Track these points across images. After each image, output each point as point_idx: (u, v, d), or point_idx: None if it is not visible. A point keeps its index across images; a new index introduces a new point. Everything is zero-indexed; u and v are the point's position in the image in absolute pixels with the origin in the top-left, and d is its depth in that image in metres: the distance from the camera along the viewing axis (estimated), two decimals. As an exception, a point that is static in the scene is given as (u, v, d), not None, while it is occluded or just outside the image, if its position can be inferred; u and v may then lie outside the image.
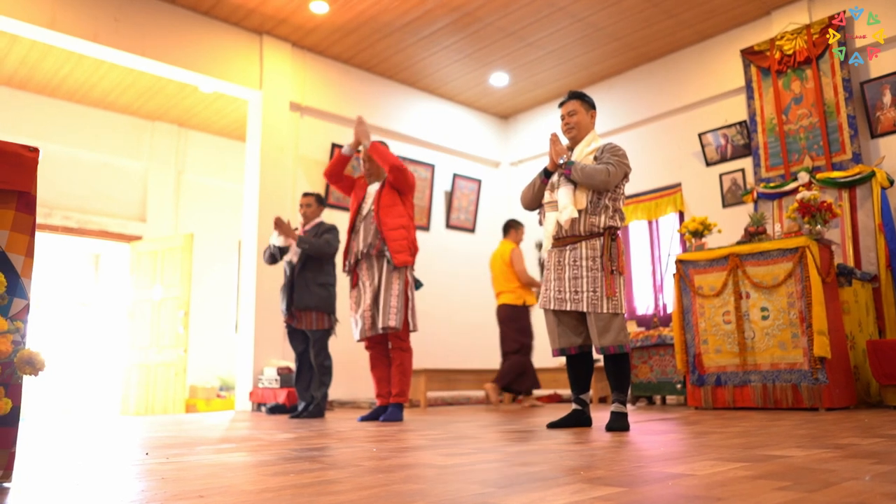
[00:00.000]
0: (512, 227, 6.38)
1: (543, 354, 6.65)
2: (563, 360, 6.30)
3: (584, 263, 3.22)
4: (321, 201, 5.27)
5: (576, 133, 3.41)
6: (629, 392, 5.95)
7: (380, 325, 4.18)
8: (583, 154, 3.34)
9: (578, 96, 3.46)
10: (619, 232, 3.30)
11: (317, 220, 5.17)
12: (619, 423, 3.08)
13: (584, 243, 3.24)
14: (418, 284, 4.42)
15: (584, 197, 3.23)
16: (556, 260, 3.32)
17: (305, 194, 5.25)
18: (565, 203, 3.24)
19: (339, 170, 4.60)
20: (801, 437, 2.48)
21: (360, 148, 4.54)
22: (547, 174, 3.42)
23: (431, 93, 8.11)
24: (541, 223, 3.45)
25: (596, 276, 3.19)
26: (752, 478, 1.49)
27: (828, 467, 1.64)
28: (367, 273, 4.33)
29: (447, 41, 6.88)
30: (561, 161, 3.31)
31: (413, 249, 4.37)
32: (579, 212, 3.23)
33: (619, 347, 3.15)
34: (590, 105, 3.47)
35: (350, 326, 6.49)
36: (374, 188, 4.47)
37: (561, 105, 3.48)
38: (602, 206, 3.23)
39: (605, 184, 3.18)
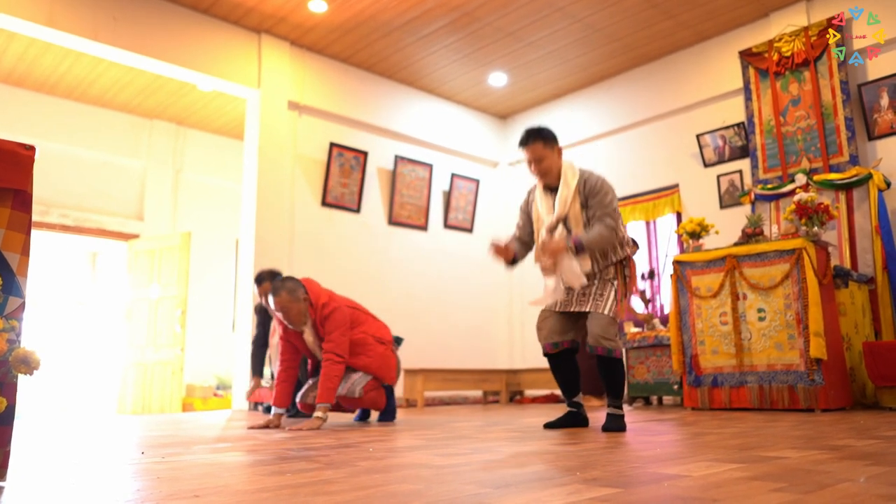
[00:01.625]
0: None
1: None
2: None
3: (595, 282, 3.25)
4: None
5: (549, 178, 3.23)
6: (625, 393, 5.96)
7: (355, 392, 3.92)
8: (568, 201, 3.17)
9: (537, 135, 3.18)
10: (632, 256, 3.28)
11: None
12: (615, 424, 3.08)
13: (597, 275, 3.26)
14: (398, 341, 4.33)
15: (587, 261, 3.14)
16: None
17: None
18: (572, 276, 3.10)
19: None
20: (797, 438, 2.48)
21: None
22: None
23: (430, 92, 8.11)
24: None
25: (605, 287, 3.21)
26: (747, 479, 1.49)
27: (823, 469, 1.64)
28: None
29: (446, 41, 6.88)
30: (570, 246, 3.06)
31: (388, 348, 4.09)
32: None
33: (608, 351, 3.11)
34: (552, 140, 3.21)
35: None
36: (310, 339, 3.86)
37: (522, 146, 3.21)
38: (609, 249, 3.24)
39: (613, 241, 3.14)
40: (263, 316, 4.93)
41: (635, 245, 3.33)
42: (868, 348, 4.43)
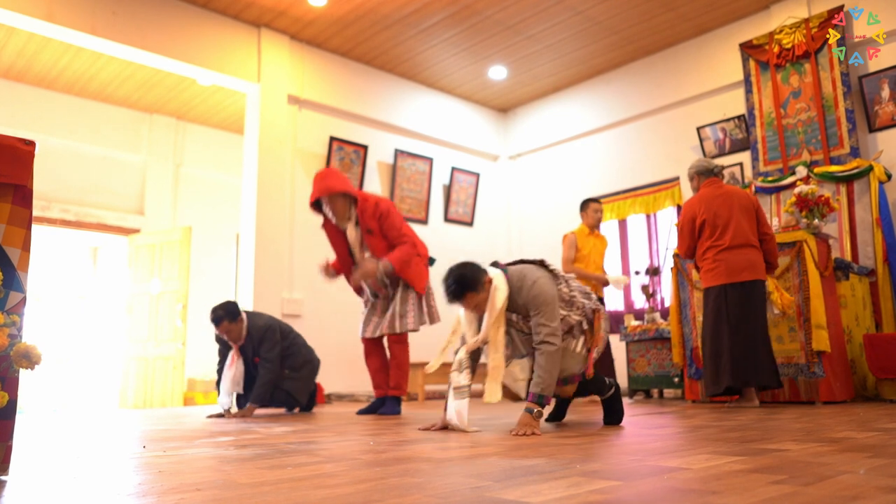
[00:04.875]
0: (581, 209, 5.74)
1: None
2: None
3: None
4: (234, 315, 4.34)
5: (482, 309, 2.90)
6: (626, 386, 5.97)
7: (397, 328, 4.21)
8: (489, 325, 2.83)
9: (464, 287, 2.82)
10: (597, 312, 2.94)
11: (244, 335, 4.42)
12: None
13: None
14: (432, 261, 4.44)
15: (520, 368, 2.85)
16: None
17: (216, 321, 4.30)
18: (510, 379, 2.84)
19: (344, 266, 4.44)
20: (798, 430, 2.49)
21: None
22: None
23: (430, 86, 8.09)
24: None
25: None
26: (747, 471, 1.49)
27: (823, 461, 1.64)
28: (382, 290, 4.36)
29: (446, 34, 6.86)
30: (534, 411, 2.70)
31: (425, 261, 4.36)
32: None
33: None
34: (479, 280, 2.83)
35: (349, 321, 6.49)
36: (352, 234, 4.28)
37: (456, 301, 2.89)
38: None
39: (558, 359, 2.74)
40: (223, 345, 4.70)
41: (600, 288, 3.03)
42: (869, 340, 4.43)
